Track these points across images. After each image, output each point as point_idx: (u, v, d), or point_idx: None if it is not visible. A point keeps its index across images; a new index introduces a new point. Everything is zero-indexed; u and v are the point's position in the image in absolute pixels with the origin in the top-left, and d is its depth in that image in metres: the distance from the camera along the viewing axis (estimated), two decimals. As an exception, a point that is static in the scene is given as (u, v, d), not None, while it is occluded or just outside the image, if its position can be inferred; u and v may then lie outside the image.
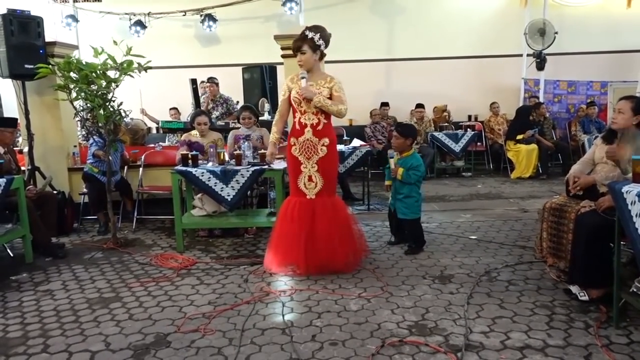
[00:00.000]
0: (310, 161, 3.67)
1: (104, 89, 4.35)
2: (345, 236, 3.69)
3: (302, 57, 3.61)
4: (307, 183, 3.68)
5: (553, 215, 3.55)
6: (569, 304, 2.99)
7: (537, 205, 5.20)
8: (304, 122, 3.65)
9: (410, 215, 4.07)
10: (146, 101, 8.22)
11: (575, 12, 9.33)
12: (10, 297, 3.42)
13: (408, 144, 4.08)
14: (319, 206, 3.65)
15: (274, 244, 3.74)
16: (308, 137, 3.65)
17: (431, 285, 3.39)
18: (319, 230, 3.59)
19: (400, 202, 4.07)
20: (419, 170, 4.01)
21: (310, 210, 3.64)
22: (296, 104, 3.66)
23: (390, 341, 2.61)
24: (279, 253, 3.69)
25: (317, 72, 3.72)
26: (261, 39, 8.39)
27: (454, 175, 8.36)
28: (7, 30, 4.97)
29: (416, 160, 4.06)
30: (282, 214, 3.74)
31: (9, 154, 4.55)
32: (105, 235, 4.98)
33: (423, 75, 9.42)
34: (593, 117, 8.54)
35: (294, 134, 3.71)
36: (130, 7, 9.10)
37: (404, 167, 3.99)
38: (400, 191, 4.06)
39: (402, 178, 3.98)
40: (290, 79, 3.76)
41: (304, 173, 3.68)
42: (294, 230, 3.61)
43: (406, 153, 4.09)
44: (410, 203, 4.05)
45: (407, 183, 4.00)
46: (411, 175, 3.97)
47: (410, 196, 4.04)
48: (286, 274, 3.65)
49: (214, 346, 2.63)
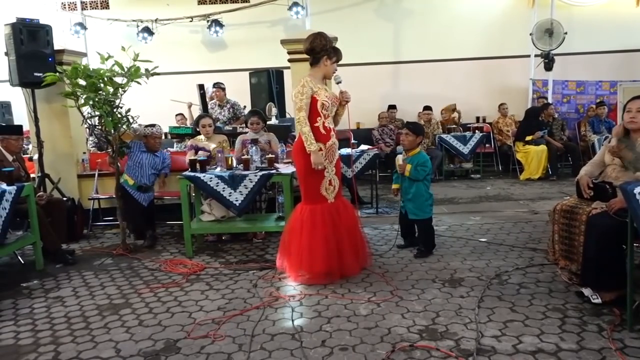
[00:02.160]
0: (331, 165, 3.68)
1: (111, 95, 4.37)
2: (360, 234, 3.84)
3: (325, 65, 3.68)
4: (327, 187, 3.68)
5: (564, 218, 3.51)
6: (582, 307, 2.95)
7: (547, 207, 5.16)
8: (329, 127, 3.65)
9: (421, 215, 4.08)
10: (154, 107, 8.25)
11: (583, 11, 9.27)
12: (21, 304, 3.44)
13: (418, 141, 4.12)
14: (341, 208, 3.73)
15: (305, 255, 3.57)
16: (334, 142, 3.69)
17: (441, 289, 3.37)
18: (345, 231, 3.66)
19: (410, 202, 4.09)
20: (426, 166, 4.04)
21: (336, 214, 3.67)
22: (323, 109, 3.57)
23: (400, 346, 2.59)
24: (316, 263, 3.54)
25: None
26: (268, 44, 8.42)
27: (462, 178, 8.33)
28: (16, 39, 5.02)
29: (423, 157, 4.10)
30: (309, 222, 3.59)
31: (17, 162, 4.59)
32: (152, 247, 4.75)
33: (430, 78, 9.41)
34: (603, 117, 8.48)
35: (320, 139, 3.59)
36: (138, 13, 9.17)
37: (412, 164, 4.02)
38: (408, 191, 4.07)
39: (410, 174, 4.00)
40: (308, 81, 3.58)
41: (327, 177, 3.66)
42: (328, 236, 3.56)
43: (413, 152, 4.11)
44: (420, 203, 4.06)
45: (415, 180, 4.02)
46: (419, 171, 4.00)
47: (419, 195, 4.05)
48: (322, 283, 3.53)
49: (224, 352, 2.62)
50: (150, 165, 4.97)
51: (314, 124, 3.60)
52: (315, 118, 3.60)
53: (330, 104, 3.62)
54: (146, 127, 4.93)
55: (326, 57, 3.62)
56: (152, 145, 4.96)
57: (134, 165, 4.89)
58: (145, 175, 4.92)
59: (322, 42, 3.62)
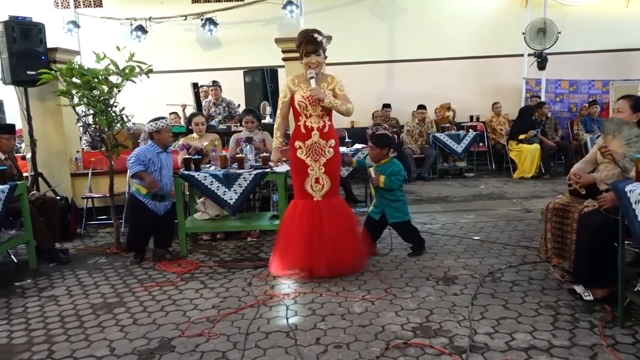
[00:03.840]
0: (317, 163, 3.67)
1: (106, 94, 4.36)
2: (352, 236, 3.74)
3: (318, 58, 3.62)
4: (314, 185, 3.67)
5: (556, 216, 3.54)
6: (574, 304, 2.98)
7: (540, 205, 5.20)
8: (310, 126, 3.64)
9: (403, 218, 4.06)
10: (147, 105, 8.23)
11: (576, 11, 9.34)
12: (14, 303, 3.43)
13: (384, 153, 4.05)
14: (327, 207, 3.67)
15: (280, 248, 3.74)
16: (315, 140, 3.64)
17: (435, 287, 3.38)
18: (328, 231, 3.59)
19: (390, 207, 4.03)
20: (400, 175, 4.02)
21: (318, 212, 3.64)
22: (301, 108, 3.64)
23: (394, 343, 2.60)
24: (286, 256, 3.68)
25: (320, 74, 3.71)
26: (262, 42, 8.42)
27: (456, 176, 8.36)
28: (9, 37, 4.99)
29: (396, 165, 4.05)
30: (288, 217, 3.74)
31: (9, 160, 4.57)
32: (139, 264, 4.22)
33: (424, 77, 9.44)
34: (595, 116, 8.53)
35: (299, 137, 3.68)
36: (131, 12, 9.15)
37: (385, 174, 3.97)
38: (386, 196, 4.03)
39: (384, 185, 3.95)
40: (290, 80, 3.72)
41: (311, 175, 3.67)
42: (302, 232, 3.61)
43: (384, 160, 4.06)
44: (399, 206, 4.05)
45: (390, 190, 3.98)
46: (394, 180, 3.96)
47: (397, 199, 4.04)
48: (292, 277, 3.64)
49: (219, 350, 2.62)
50: (169, 166, 4.38)
51: (297, 123, 3.70)
52: (297, 117, 3.70)
53: (309, 103, 3.60)
54: (153, 122, 4.25)
55: (300, 55, 3.66)
56: (166, 139, 4.32)
57: (156, 172, 4.24)
58: (168, 179, 4.33)
59: (298, 40, 3.66)
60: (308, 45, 3.60)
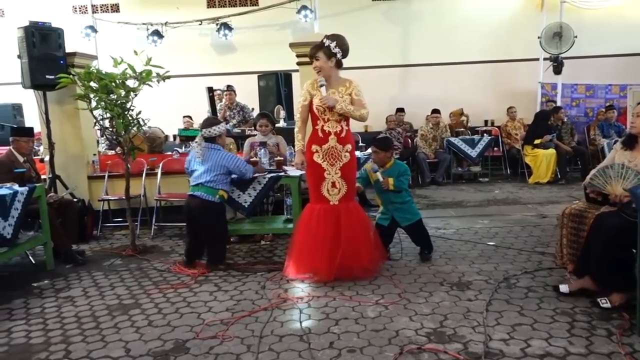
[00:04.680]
0: (334, 167, 3.68)
1: (123, 98, 4.42)
2: (367, 241, 3.74)
3: (317, 63, 3.64)
4: (330, 189, 3.69)
5: (573, 222, 3.50)
6: (591, 311, 2.94)
7: (555, 210, 5.14)
8: (328, 130, 3.66)
9: (413, 218, 4.07)
10: (163, 109, 8.31)
11: (593, 14, 9.23)
12: (32, 304, 3.48)
13: (389, 155, 4.09)
14: (343, 211, 3.68)
15: (296, 251, 3.75)
16: (332, 145, 3.67)
17: (449, 292, 3.36)
18: (344, 236, 3.61)
19: (399, 210, 4.04)
20: (407, 174, 4.07)
21: (334, 216, 3.66)
22: (319, 113, 3.66)
23: (408, 348, 2.59)
24: (302, 259, 3.69)
25: (335, 78, 3.72)
26: (276, 47, 8.44)
27: (470, 181, 8.30)
28: (29, 42, 5.08)
29: (401, 166, 4.10)
30: (304, 222, 3.74)
31: (28, 163, 4.65)
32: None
33: (439, 81, 9.40)
34: (612, 121, 8.42)
35: (316, 141, 3.70)
36: (148, 17, 9.26)
37: (393, 176, 3.98)
38: (394, 200, 4.04)
39: (394, 187, 3.95)
40: (310, 84, 3.73)
41: (327, 180, 3.68)
42: (319, 236, 3.62)
43: (389, 164, 4.08)
44: (408, 207, 4.06)
45: (399, 190, 4.00)
46: (403, 181, 3.99)
47: (405, 201, 4.06)
48: (306, 280, 3.64)
49: (233, 352, 2.64)
50: None
51: (314, 127, 3.73)
52: (315, 121, 3.73)
53: (326, 108, 3.61)
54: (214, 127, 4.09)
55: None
56: (225, 142, 4.32)
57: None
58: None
59: None
60: (310, 50, 3.68)
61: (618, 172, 3.06)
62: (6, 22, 9.37)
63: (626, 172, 3.03)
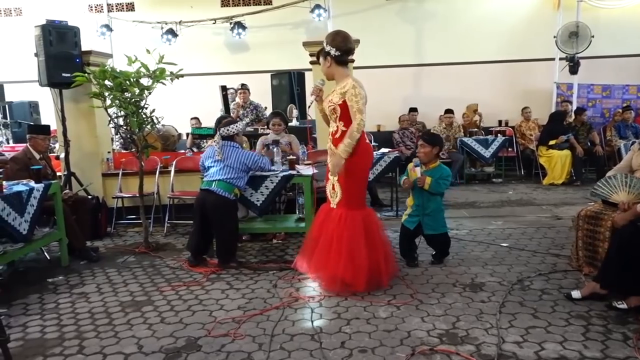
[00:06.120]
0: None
1: (137, 96, 4.45)
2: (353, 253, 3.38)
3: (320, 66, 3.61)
4: (331, 192, 3.62)
5: (588, 224, 3.46)
6: (606, 315, 2.90)
7: (570, 212, 5.08)
8: (330, 131, 3.60)
9: (440, 230, 3.91)
10: (177, 107, 8.37)
11: (610, 14, 9.09)
12: (47, 299, 3.53)
13: (435, 152, 3.86)
14: (335, 217, 3.50)
15: (303, 249, 3.78)
16: (329, 146, 3.58)
17: (462, 294, 3.34)
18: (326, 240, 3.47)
19: (428, 216, 3.87)
20: (448, 180, 3.85)
21: (329, 218, 3.55)
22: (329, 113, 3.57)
23: (420, 349, 2.58)
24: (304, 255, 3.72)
25: (339, 78, 3.52)
26: (290, 46, 8.45)
27: (484, 182, 8.23)
28: (46, 40, 5.14)
29: (446, 171, 3.88)
30: (314, 220, 3.77)
31: (44, 160, 4.71)
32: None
33: (452, 80, 9.33)
34: (629, 122, 8.30)
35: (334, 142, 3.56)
36: (162, 16, 9.32)
37: (433, 177, 3.79)
38: (427, 205, 3.85)
39: (429, 187, 3.76)
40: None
41: (330, 181, 3.63)
42: (314, 234, 3.63)
43: (433, 164, 3.88)
44: (439, 217, 3.90)
45: (434, 193, 3.81)
46: (441, 184, 3.78)
47: (438, 210, 3.88)
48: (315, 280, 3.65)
49: (244, 351, 2.64)
50: None
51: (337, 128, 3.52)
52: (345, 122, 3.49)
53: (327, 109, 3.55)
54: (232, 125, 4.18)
55: None
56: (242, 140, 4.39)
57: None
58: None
59: None
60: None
61: (622, 181, 3.17)
62: (24, 20, 9.49)
63: (631, 181, 3.12)
